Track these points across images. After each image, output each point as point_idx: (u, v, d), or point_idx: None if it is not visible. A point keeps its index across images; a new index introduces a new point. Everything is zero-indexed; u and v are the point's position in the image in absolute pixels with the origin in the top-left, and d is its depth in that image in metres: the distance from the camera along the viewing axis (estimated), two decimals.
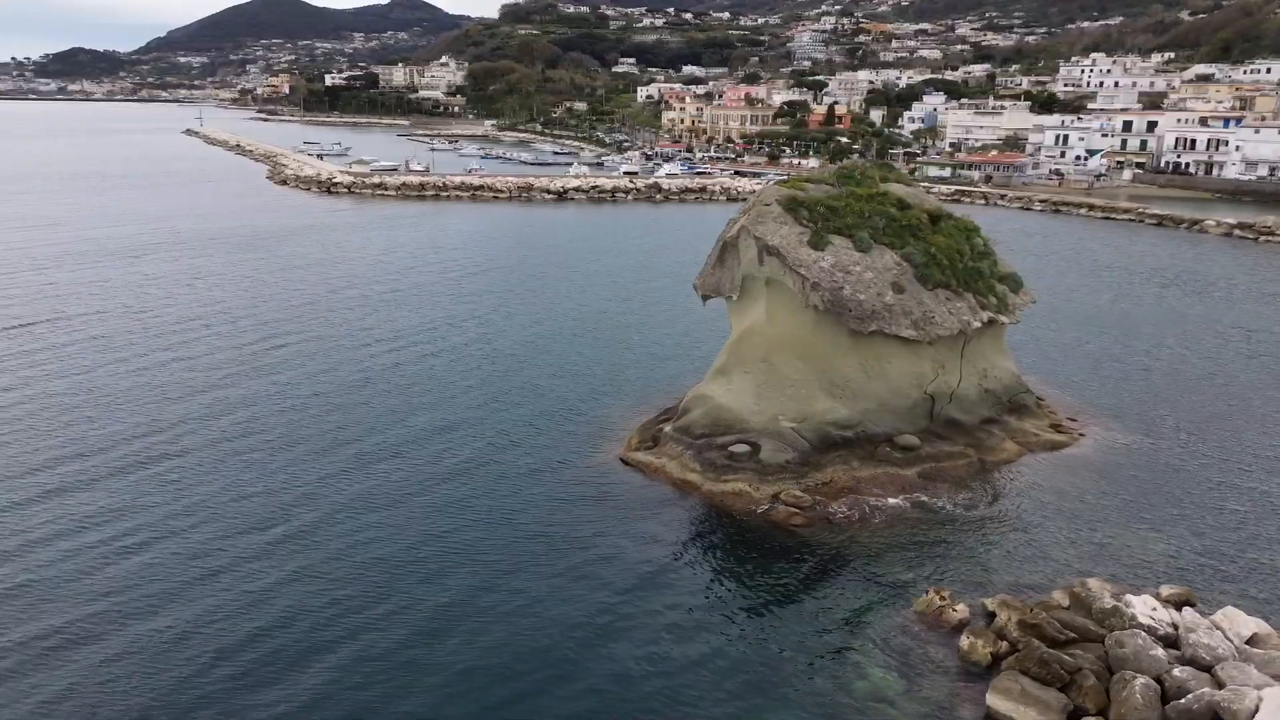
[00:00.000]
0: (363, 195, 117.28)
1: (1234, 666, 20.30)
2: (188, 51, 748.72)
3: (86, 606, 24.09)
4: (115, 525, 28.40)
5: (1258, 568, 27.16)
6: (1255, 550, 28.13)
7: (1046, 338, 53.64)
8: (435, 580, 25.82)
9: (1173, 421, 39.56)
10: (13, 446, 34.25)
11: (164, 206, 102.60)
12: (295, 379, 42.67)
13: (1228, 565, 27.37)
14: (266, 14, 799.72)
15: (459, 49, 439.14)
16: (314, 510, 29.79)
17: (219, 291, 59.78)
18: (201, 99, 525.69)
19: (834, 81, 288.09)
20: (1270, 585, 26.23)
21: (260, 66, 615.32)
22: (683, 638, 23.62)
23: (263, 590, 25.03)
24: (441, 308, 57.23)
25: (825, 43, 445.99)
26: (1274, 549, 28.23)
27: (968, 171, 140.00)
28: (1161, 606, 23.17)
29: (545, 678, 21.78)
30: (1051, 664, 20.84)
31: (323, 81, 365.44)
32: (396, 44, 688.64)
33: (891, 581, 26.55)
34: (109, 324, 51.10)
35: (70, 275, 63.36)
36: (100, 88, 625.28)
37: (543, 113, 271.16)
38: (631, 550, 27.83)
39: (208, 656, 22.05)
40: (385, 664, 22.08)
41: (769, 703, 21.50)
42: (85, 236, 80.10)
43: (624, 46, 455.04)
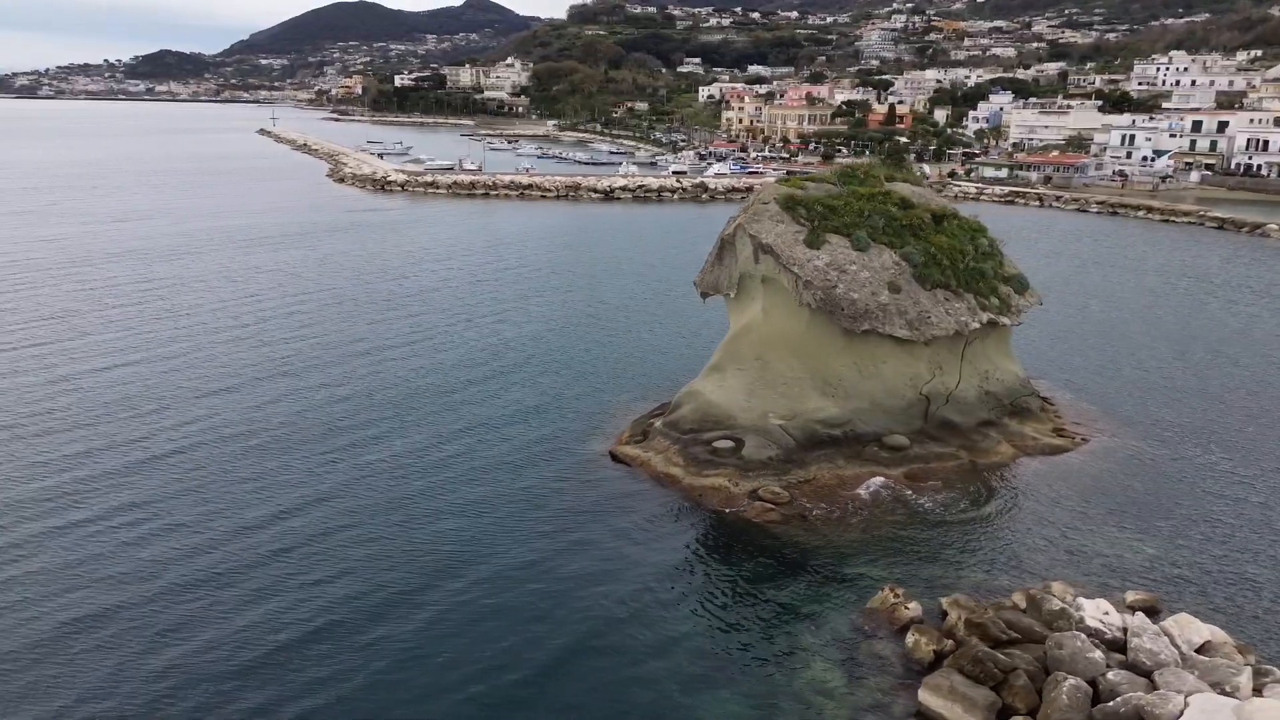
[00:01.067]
0: (415, 193, 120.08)
1: (1172, 673, 20.04)
2: (269, 54, 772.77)
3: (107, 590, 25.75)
4: (137, 512, 30.17)
5: (1233, 580, 26.50)
6: (1235, 564, 27.43)
7: (1071, 341, 52.60)
8: (397, 563, 26.85)
9: (1185, 431, 38.56)
10: (28, 443, 36.47)
11: (224, 203, 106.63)
12: (308, 373, 44.33)
13: (1202, 576, 26.78)
14: (344, 17, 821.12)
15: (526, 50, 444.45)
16: (319, 495, 31.14)
17: (253, 286, 62.18)
18: (280, 100, 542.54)
19: (900, 81, 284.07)
20: (1241, 597, 25.63)
21: (336, 68, 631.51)
22: (638, 626, 24.12)
23: (250, 579, 26.38)
24: (464, 304, 58.59)
25: (894, 41, 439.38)
26: (1255, 563, 27.49)
27: (1026, 172, 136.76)
28: (1115, 611, 22.91)
29: (489, 664, 22.55)
30: (985, 663, 20.85)
31: (392, 83, 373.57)
32: (468, 45, 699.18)
33: (854, 579, 26.67)
34: (149, 315, 53.72)
35: (123, 270, 66.58)
36: (186, 89, 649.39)
37: (604, 113, 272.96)
38: (602, 541, 28.46)
39: (190, 650, 23.31)
40: (346, 650, 23.16)
41: (711, 691, 21.89)
42: (146, 232, 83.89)
43: (689, 46, 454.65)
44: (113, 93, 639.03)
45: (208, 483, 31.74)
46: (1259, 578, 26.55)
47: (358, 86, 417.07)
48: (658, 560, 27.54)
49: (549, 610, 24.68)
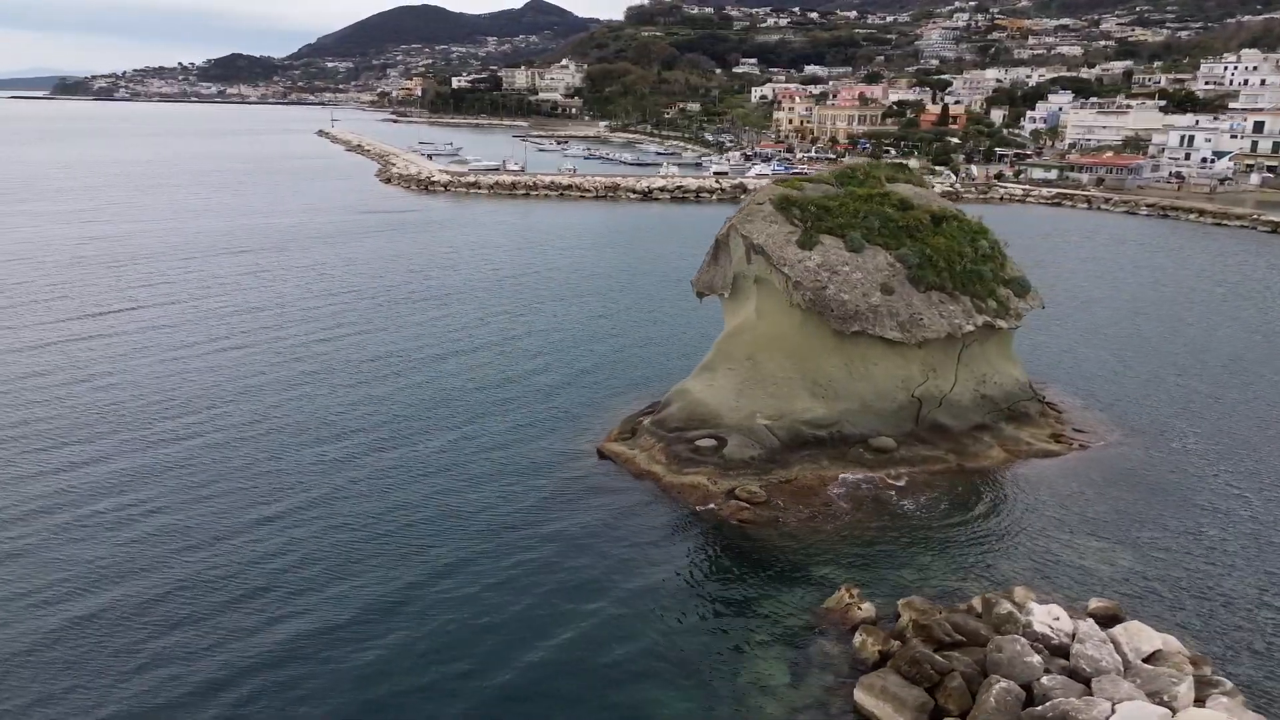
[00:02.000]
0: (458, 194, 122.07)
1: (1110, 680, 19.82)
2: (335, 57, 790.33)
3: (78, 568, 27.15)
4: (132, 495, 31.64)
5: (1206, 595, 25.90)
6: (1211, 579, 26.77)
7: (1091, 346, 51.59)
8: (372, 550, 27.72)
9: (1191, 442, 37.61)
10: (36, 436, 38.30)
11: (272, 202, 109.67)
12: (316, 370, 45.64)
13: (1175, 589, 26.25)
14: (408, 20, 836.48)
15: (583, 51, 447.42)
16: (318, 486, 32.26)
17: (282, 285, 64.08)
18: (344, 101, 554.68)
19: (959, 80, 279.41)
20: (1211, 612, 25.07)
21: (399, 71, 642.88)
22: (593, 621, 24.48)
23: (239, 574, 27.51)
24: (482, 303, 59.56)
25: (956, 40, 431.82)
26: (1232, 578, 26.81)
27: (1077, 174, 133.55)
28: (1066, 617, 22.64)
29: (440, 652, 23.21)
30: (922, 664, 20.85)
31: (449, 85, 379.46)
32: (527, 47, 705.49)
33: (818, 578, 26.74)
34: (184, 312, 55.84)
35: (160, 267, 69.16)
36: (255, 91, 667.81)
37: (655, 114, 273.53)
38: (572, 535, 28.95)
39: (174, 645, 24.53)
40: (315, 638, 24.08)
41: (657, 685, 22.17)
42: (191, 229, 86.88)
43: (746, 47, 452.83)
44: (185, 95, 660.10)
45: (208, 478, 33.03)
46: (1233, 593, 25.90)
47: (417, 89, 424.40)
48: (624, 555, 27.93)
49: (501, 603, 25.18)
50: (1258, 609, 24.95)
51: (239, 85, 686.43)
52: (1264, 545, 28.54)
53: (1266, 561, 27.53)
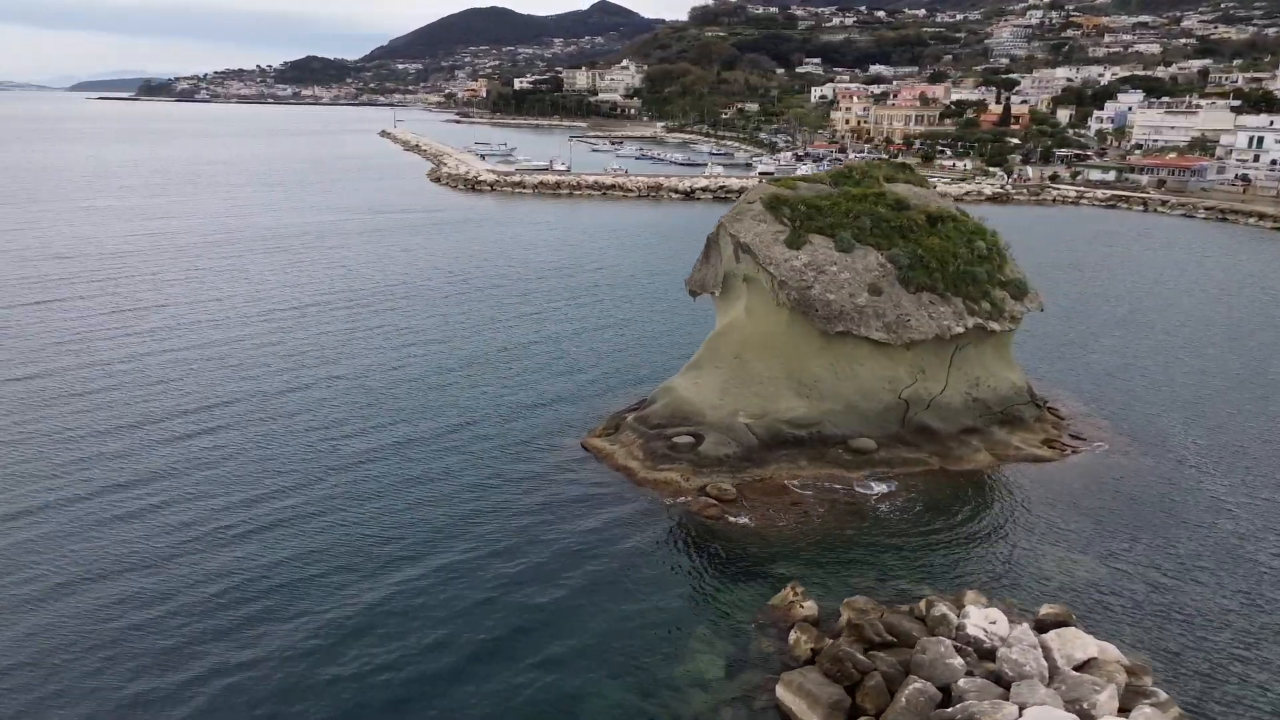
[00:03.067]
0: (504, 193, 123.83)
1: (1028, 685, 19.58)
2: (405, 59, 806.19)
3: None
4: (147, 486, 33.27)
5: (1164, 609, 25.26)
6: (1172, 594, 26.05)
7: (1108, 351, 50.42)
8: (350, 534, 28.69)
9: (1191, 452, 36.55)
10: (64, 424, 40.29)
11: (321, 201, 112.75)
12: (327, 364, 47.05)
13: (1133, 601, 25.71)
14: (476, 22, 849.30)
15: (646, 52, 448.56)
16: (317, 477, 33.50)
17: (304, 282, 66.07)
18: (412, 103, 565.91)
19: (1027, 79, 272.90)
20: (1163, 624, 24.52)
21: (466, 72, 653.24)
22: (546, 611, 24.96)
23: (212, 558, 28.80)
24: (498, 301, 60.58)
25: (1028, 38, 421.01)
26: (1194, 592, 26.07)
27: (1136, 175, 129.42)
28: (1004, 621, 22.38)
29: (388, 637, 24.00)
30: (844, 662, 20.87)
31: (512, 86, 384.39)
32: (593, 48, 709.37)
33: (774, 575, 26.81)
34: (187, 311, 58.07)
35: (200, 263, 71.91)
36: (328, 92, 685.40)
37: (713, 114, 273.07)
38: (537, 526, 29.52)
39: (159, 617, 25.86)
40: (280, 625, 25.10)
41: (598, 675, 22.54)
42: (240, 226, 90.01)
43: (810, 47, 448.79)
44: (262, 97, 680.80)
45: (208, 464, 34.50)
46: (1191, 609, 25.14)
47: (482, 90, 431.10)
48: (585, 547, 28.37)
49: (453, 591, 25.79)
50: (1214, 627, 24.23)
51: (313, 87, 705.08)
52: (1238, 561, 27.65)
53: (1235, 579, 26.66)
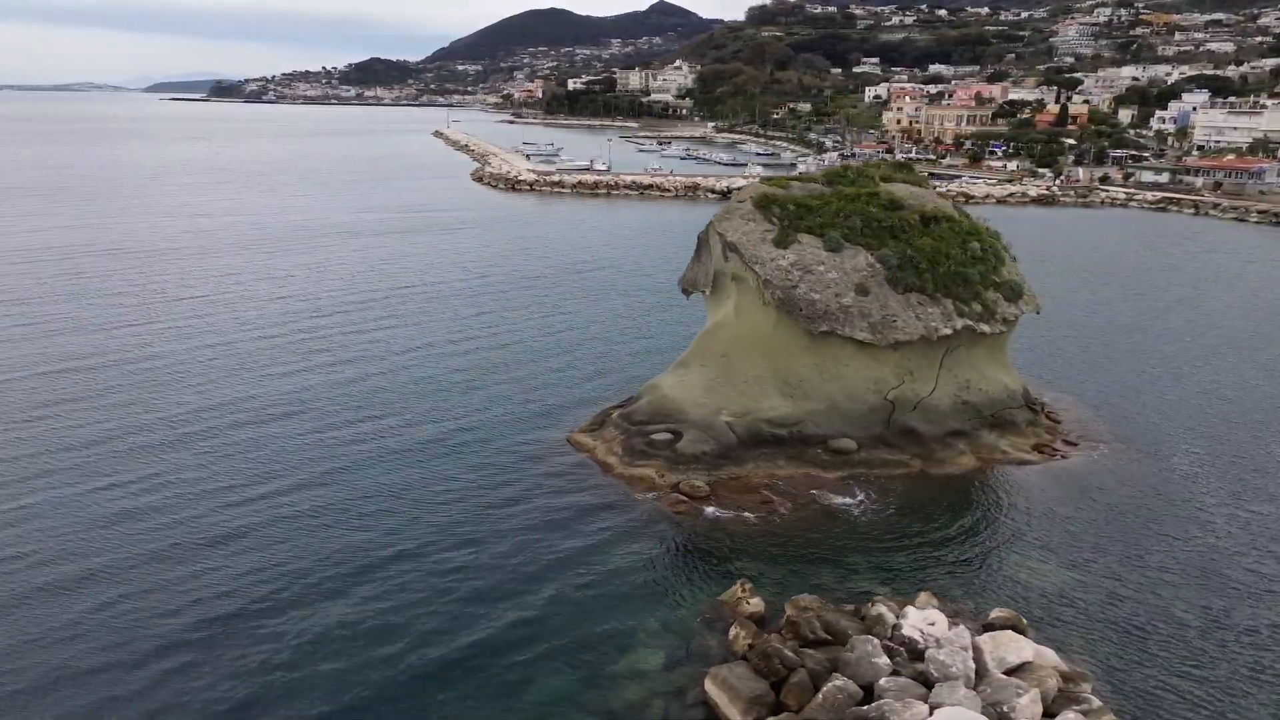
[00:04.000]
0: (543, 193, 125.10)
1: (949, 686, 19.50)
2: (465, 60, 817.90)
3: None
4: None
5: (1117, 618, 24.77)
6: (1130, 603, 25.50)
7: (1121, 358, 49.41)
8: (324, 512, 29.61)
9: (1184, 460, 35.69)
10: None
11: (364, 200, 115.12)
12: (344, 361, 48.33)
13: (1085, 608, 25.33)
14: (535, 24, 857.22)
15: (701, 52, 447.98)
16: (319, 469, 34.64)
17: (314, 275, 67.79)
18: (470, 103, 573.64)
19: (1091, 79, 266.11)
20: (1113, 634, 24.07)
21: (525, 73, 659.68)
22: (502, 599, 25.47)
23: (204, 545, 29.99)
24: (510, 301, 61.43)
25: (1095, 37, 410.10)
26: (1154, 604, 25.44)
27: (1191, 178, 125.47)
28: (944, 623, 22.25)
29: (334, 623, 24.77)
30: (772, 658, 21.01)
31: (565, 87, 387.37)
32: (650, 49, 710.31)
33: (729, 573, 26.93)
34: (212, 311, 59.99)
35: (238, 262, 74.23)
36: (389, 93, 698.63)
37: (764, 114, 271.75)
38: (507, 517, 30.09)
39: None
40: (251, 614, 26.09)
41: (545, 665, 22.92)
42: (281, 223, 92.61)
43: (868, 46, 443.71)
44: (326, 98, 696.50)
45: (198, 454, 35.84)
46: (1146, 622, 24.52)
47: (538, 90, 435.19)
48: (551, 540, 28.82)
49: (412, 578, 26.44)
50: (1166, 642, 23.64)
51: (375, 88, 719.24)
52: (1206, 576, 26.86)
53: (1199, 594, 25.89)
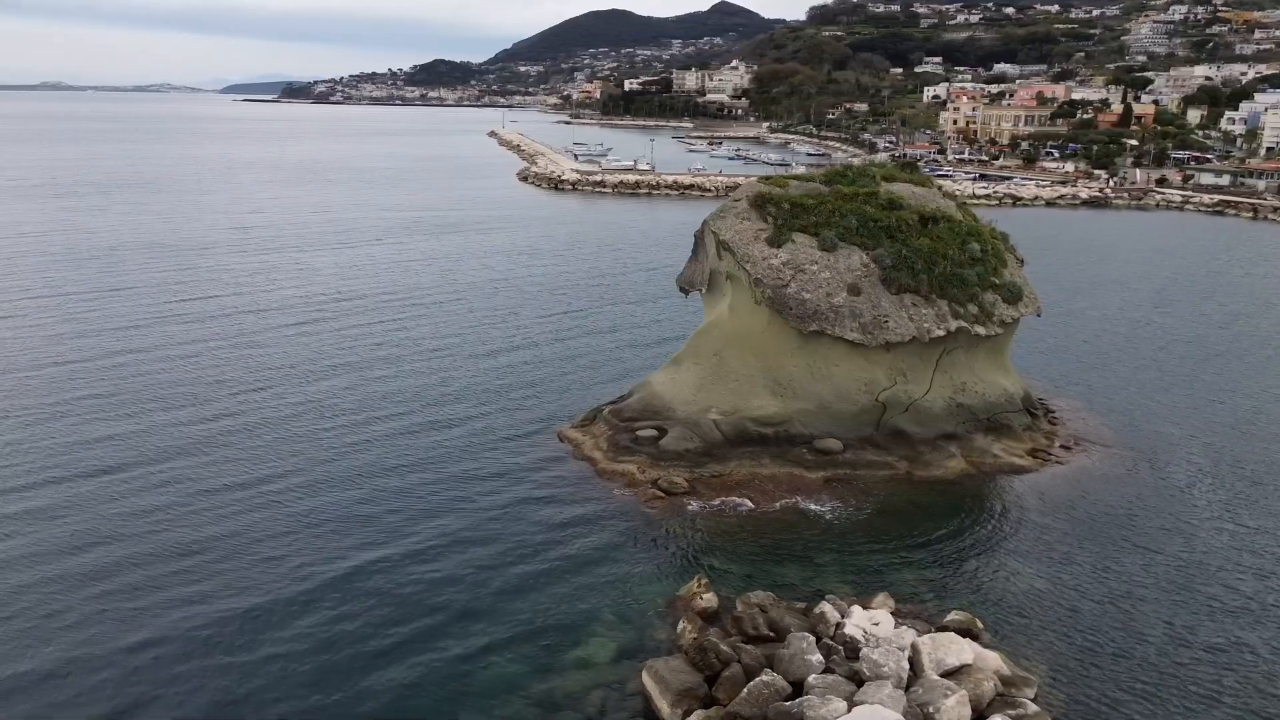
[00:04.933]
0: (585, 192, 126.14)
1: (876, 685, 19.45)
2: (527, 61, 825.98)
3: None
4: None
5: (1078, 627, 24.14)
6: (1093, 614, 24.72)
7: (1142, 365, 48.20)
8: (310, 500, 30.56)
9: (1182, 470, 34.59)
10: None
11: (407, 199, 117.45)
12: (366, 359, 49.53)
13: (1044, 616, 24.73)
14: (597, 25, 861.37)
15: (761, 52, 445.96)
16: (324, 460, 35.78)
17: (341, 272, 69.40)
18: (530, 104, 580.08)
19: (1161, 78, 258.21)
20: (1069, 643, 23.52)
21: (585, 74, 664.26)
22: (467, 586, 25.95)
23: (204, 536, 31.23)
24: (529, 300, 62.15)
25: (1169, 35, 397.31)
26: (1112, 615, 24.70)
27: (1253, 180, 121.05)
28: (889, 623, 22.15)
29: (304, 606, 25.60)
30: (707, 652, 21.17)
31: (622, 88, 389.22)
32: (711, 49, 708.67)
33: (692, 568, 27.03)
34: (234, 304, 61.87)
35: (275, 258, 76.46)
36: (452, 94, 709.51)
37: (819, 114, 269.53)
38: (484, 508, 30.63)
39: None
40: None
41: (499, 654, 23.21)
42: (317, 222, 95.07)
43: (931, 45, 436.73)
44: (391, 98, 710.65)
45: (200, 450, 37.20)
46: (1106, 634, 23.73)
47: (596, 91, 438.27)
48: (524, 529, 29.24)
49: (379, 567, 27.04)
50: (1121, 655, 22.95)
51: (439, 89, 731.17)
52: (1177, 590, 25.93)
53: (1166, 609, 24.93)
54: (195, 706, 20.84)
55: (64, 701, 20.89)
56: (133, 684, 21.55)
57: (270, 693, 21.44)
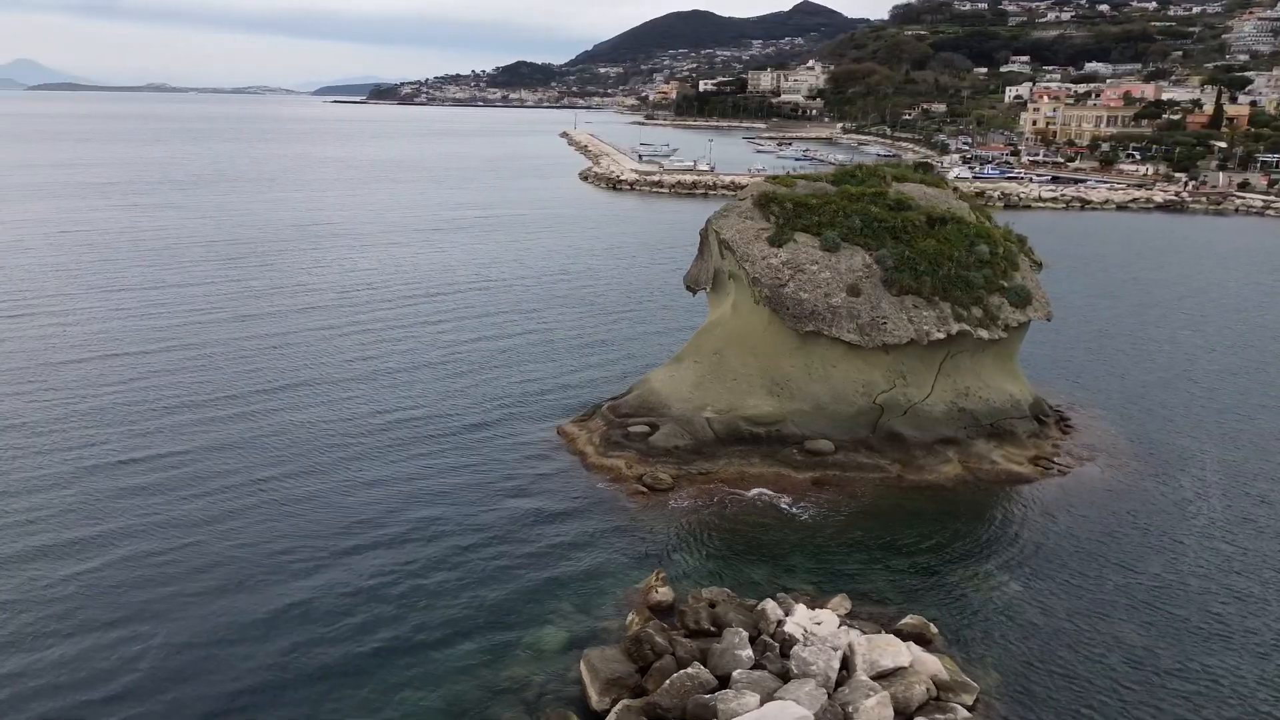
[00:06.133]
0: (643, 192, 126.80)
1: (799, 682, 19.50)
2: (607, 63, 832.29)
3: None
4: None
5: (1035, 642, 23.53)
6: (1054, 631, 24.02)
7: (1175, 377, 46.42)
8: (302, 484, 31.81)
9: (1188, 483, 33.30)
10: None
11: (462, 197, 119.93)
12: (374, 351, 51.04)
13: (1006, 627, 24.22)
14: (677, 26, 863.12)
15: (841, 52, 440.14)
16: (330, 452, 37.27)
17: (382, 269, 71.21)
18: (607, 105, 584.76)
19: (1263, 77, 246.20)
20: (1021, 656, 23.02)
21: (664, 75, 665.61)
22: (439, 571, 26.73)
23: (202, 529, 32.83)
24: (554, 297, 62.94)
25: (1275, 33, 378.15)
26: (1071, 632, 23.94)
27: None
28: (832, 623, 22.06)
29: (280, 588, 26.70)
30: (643, 644, 21.47)
31: (697, 88, 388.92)
32: (792, 50, 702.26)
33: (657, 563, 27.25)
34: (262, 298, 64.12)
35: (325, 253, 79.09)
36: (533, 95, 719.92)
37: (895, 115, 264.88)
38: (470, 497, 31.38)
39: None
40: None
41: (459, 639, 23.77)
42: (374, 219, 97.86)
43: (1018, 44, 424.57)
44: (473, 100, 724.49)
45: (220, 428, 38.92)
46: (1069, 652, 22.95)
47: (672, 92, 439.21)
48: (498, 518, 29.79)
49: (349, 547, 28.07)
50: (1079, 668, 22.34)
51: (519, 90, 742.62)
52: (1154, 610, 24.83)
53: (1138, 629, 23.96)
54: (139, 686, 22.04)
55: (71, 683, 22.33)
56: (133, 669, 22.93)
57: (224, 668, 22.37)
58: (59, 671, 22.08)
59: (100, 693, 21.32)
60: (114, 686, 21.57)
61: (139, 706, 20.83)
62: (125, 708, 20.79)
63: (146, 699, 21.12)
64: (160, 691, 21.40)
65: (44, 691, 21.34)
